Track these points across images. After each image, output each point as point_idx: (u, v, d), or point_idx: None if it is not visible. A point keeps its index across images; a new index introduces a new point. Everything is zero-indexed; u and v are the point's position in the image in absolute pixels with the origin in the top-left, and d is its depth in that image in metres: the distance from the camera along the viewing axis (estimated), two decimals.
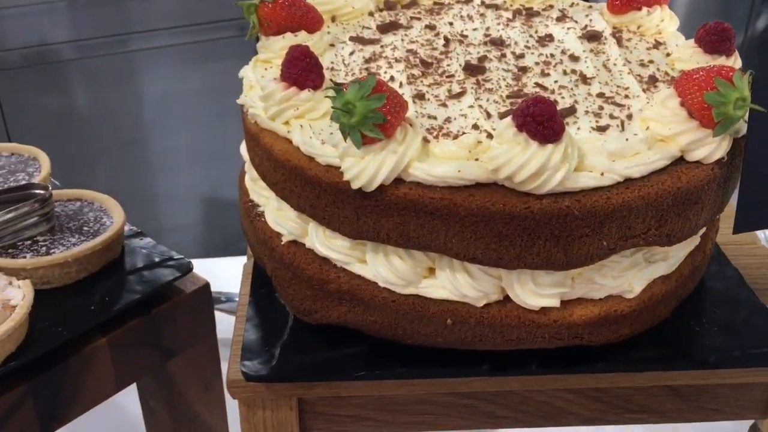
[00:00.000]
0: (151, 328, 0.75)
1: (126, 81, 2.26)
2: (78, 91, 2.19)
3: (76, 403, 0.71)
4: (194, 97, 2.43)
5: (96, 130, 2.17)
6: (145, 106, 2.35)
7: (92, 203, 0.82)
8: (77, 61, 2.18)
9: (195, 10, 2.32)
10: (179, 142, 2.39)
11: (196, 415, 0.84)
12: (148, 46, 2.27)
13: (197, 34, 2.35)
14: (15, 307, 0.66)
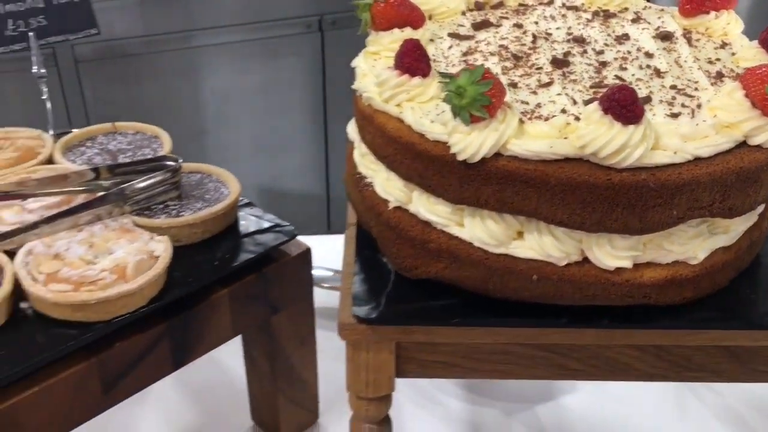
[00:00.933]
0: (261, 285, 0.86)
1: (190, 75, 2.40)
2: (145, 85, 2.34)
3: (201, 343, 0.83)
4: (255, 92, 2.57)
5: (160, 122, 2.33)
6: (208, 99, 2.49)
7: (210, 175, 0.93)
8: (145, 55, 2.33)
9: (257, 9, 2.46)
10: (240, 135, 2.53)
11: (291, 366, 0.95)
12: (211, 43, 2.41)
13: (259, 31, 2.48)
14: (158, 257, 0.78)
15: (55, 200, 0.85)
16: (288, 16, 2.56)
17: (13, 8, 0.95)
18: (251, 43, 2.51)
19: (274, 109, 2.64)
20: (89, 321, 0.73)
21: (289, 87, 2.64)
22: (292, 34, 2.59)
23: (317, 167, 2.76)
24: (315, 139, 2.73)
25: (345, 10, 2.64)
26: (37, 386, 0.70)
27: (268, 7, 2.48)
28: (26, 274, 0.74)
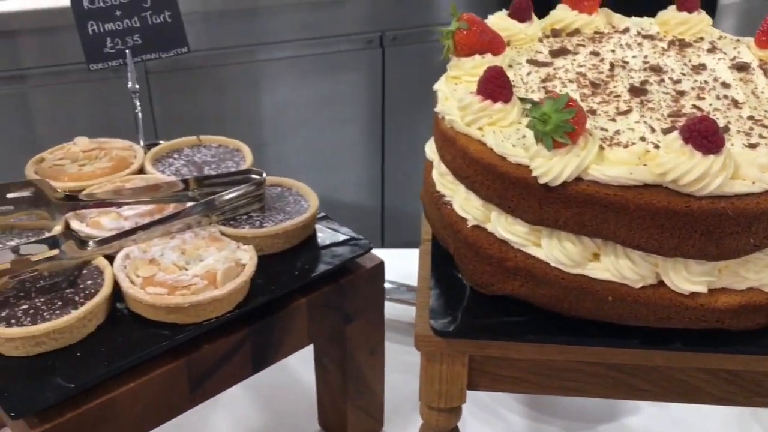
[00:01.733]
0: (337, 295, 0.90)
1: (252, 89, 2.48)
2: (208, 97, 2.42)
3: (279, 349, 0.87)
4: (314, 106, 2.63)
5: (221, 134, 2.42)
6: (269, 112, 2.57)
7: (290, 189, 0.98)
8: (209, 68, 2.41)
9: (319, 24, 2.53)
10: (299, 147, 2.59)
11: (361, 375, 0.99)
12: (273, 57, 2.48)
13: (320, 46, 2.55)
14: (244, 265, 0.82)
15: (148, 208, 0.90)
16: (350, 32, 2.62)
17: (111, 27, 1.02)
18: (312, 57, 2.58)
19: (332, 123, 2.70)
20: (181, 323, 0.78)
21: (347, 101, 2.70)
22: (353, 50, 2.65)
23: (373, 181, 2.81)
24: (371, 153, 2.79)
25: (406, 27, 2.71)
26: (133, 382, 0.75)
27: (330, 23, 2.55)
28: (124, 276, 0.79)
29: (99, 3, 1.01)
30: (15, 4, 2.12)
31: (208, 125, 2.40)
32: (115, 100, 2.33)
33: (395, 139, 2.83)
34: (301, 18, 2.48)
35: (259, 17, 2.40)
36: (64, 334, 0.74)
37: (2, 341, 0.73)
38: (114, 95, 2.32)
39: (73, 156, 1.00)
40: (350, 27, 2.60)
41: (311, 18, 2.50)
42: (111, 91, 2.31)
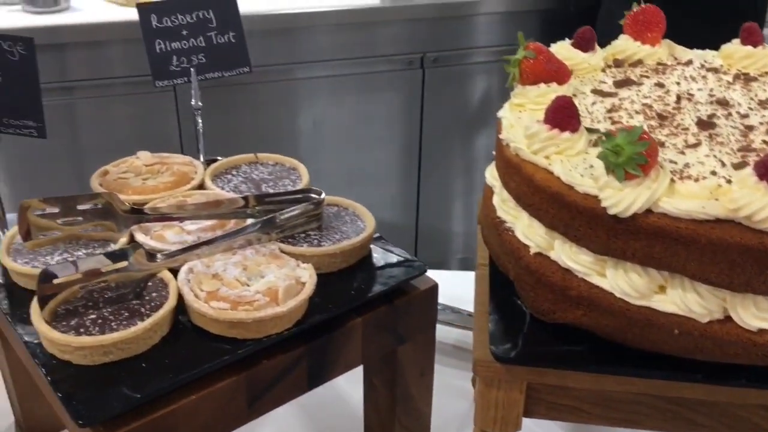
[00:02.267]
0: (392, 316, 0.91)
1: (288, 106, 2.51)
2: (246, 113, 2.46)
3: (333, 367, 0.88)
4: (352, 124, 2.66)
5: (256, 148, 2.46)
6: (304, 130, 2.60)
7: (347, 209, 0.99)
8: (249, 85, 2.45)
9: (361, 44, 2.56)
10: (333, 165, 2.62)
11: (410, 396, 0.99)
12: (313, 75, 2.52)
13: (361, 65, 2.58)
14: (304, 283, 0.84)
15: (209, 223, 0.92)
16: (392, 52, 2.65)
17: (177, 46, 1.05)
18: (351, 77, 2.62)
19: (368, 142, 2.72)
20: (241, 338, 0.80)
21: (385, 121, 2.73)
22: (394, 70, 2.68)
23: (408, 202, 2.83)
24: (407, 173, 2.80)
25: (447, 48, 2.73)
26: (194, 394, 0.76)
27: (372, 44, 2.59)
28: (189, 290, 0.81)
29: (167, 22, 1.04)
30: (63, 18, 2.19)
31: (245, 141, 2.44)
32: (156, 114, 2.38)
33: (432, 159, 2.84)
34: (341, 38, 2.52)
35: (299, 36, 2.44)
36: (131, 345, 0.76)
37: (72, 349, 0.75)
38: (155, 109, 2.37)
39: (136, 170, 1.03)
40: (392, 48, 2.63)
41: (352, 38, 2.54)
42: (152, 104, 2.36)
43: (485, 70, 2.79)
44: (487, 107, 2.86)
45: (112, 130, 2.33)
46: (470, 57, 2.74)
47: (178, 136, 2.48)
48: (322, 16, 2.47)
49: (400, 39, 2.62)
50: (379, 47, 2.60)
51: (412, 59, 2.70)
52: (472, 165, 2.92)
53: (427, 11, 2.66)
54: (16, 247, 0.89)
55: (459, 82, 2.77)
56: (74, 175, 2.35)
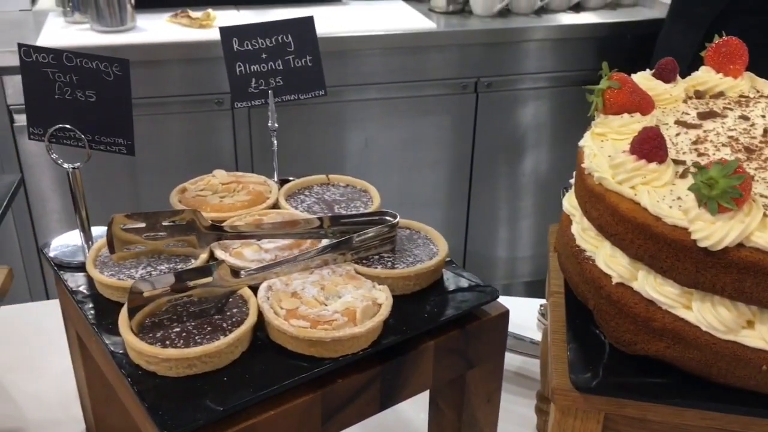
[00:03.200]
0: (463, 341, 0.91)
1: (337, 127, 2.55)
2: (299, 133, 2.51)
3: (405, 389, 0.88)
4: (403, 147, 2.68)
5: (306, 168, 2.51)
6: (353, 151, 2.63)
7: (419, 232, 1.00)
8: (302, 106, 2.50)
9: (416, 68, 2.59)
10: (382, 187, 2.63)
11: (476, 421, 0.99)
12: (366, 97, 2.55)
13: (414, 89, 2.60)
14: (380, 305, 0.85)
15: (286, 242, 0.94)
16: (446, 76, 2.68)
17: (257, 69, 1.08)
18: (404, 99, 2.64)
19: (419, 165, 2.74)
20: (319, 356, 0.81)
21: (435, 144, 2.75)
22: (447, 94, 2.71)
23: (457, 225, 2.83)
24: (457, 197, 2.81)
25: (501, 74, 2.74)
26: (273, 410, 0.78)
27: (427, 68, 2.62)
28: (268, 308, 0.83)
29: (247, 45, 1.07)
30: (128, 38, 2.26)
31: (296, 161, 2.49)
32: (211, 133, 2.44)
33: (482, 183, 2.84)
34: (395, 61, 2.55)
35: (352, 59, 2.49)
36: (214, 359, 0.78)
37: (158, 361, 0.77)
38: (209, 128, 2.43)
39: (213, 188, 1.06)
40: (447, 72, 2.66)
41: (405, 61, 2.57)
42: (207, 123, 2.42)
43: (537, 96, 2.80)
44: (538, 133, 2.86)
45: (166, 147, 2.40)
46: (523, 82, 2.75)
47: (233, 155, 2.54)
48: (377, 39, 2.52)
49: (454, 63, 2.64)
50: (433, 71, 2.63)
51: (467, 83, 2.72)
52: (520, 191, 2.91)
53: (482, 36, 2.68)
54: (102, 259, 0.92)
55: (511, 107, 2.78)
56: (129, 190, 2.42)
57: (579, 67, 2.79)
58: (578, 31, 2.74)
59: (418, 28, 2.59)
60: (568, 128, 2.86)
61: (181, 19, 2.47)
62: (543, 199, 2.94)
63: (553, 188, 2.90)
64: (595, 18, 2.80)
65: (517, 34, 2.67)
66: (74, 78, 0.89)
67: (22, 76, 0.90)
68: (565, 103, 2.81)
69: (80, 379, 1.06)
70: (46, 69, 0.89)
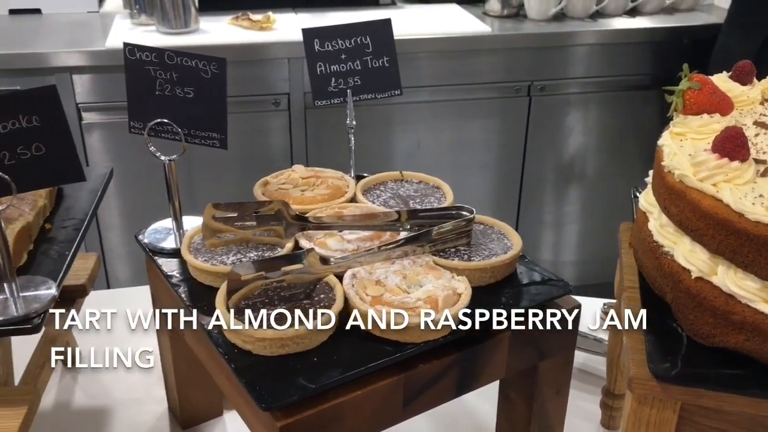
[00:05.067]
0: (536, 332, 0.94)
1: (389, 128, 2.59)
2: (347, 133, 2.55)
3: (480, 377, 0.92)
4: (455, 149, 2.71)
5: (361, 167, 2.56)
6: (403, 151, 2.67)
7: (492, 227, 1.04)
8: (355, 108, 2.55)
9: (470, 71, 2.61)
10: None
11: (545, 412, 1.02)
12: (414, 100, 2.59)
13: (467, 92, 2.63)
14: (460, 294, 0.89)
15: (366, 234, 0.99)
16: (499, 80, 2.70)
17: (336, 69, 1.13)
18: (458, 102, 2.68)
19: (470, 167, 2.77)
20: (402, 341, 0.85)
21: (487, 147, 2.77)
22: (500, 97, 2.73)
23: None
24: (507, 200, 2.83)
25: (555, 77, 2.75)
26: (360, 390, 0.82)
27: (480, 71, 2.64)
28: (354, 294, 0.87)
29: (328, 47, 1.12)
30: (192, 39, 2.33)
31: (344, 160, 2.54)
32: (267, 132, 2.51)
33: (533, 187, 2.86)
34: (449, 64, 2.58)
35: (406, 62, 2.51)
36: (305, 340, 0.83)
37: (254, 340, 0.82)
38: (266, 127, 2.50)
39: (293, 181, 1.11)
40: (502, 75, 2.68)
41: (458, 65, 2.60)
42: (264, 123, 2.49)
43: (591, 100, 2.80)
44: (589, 137, 2.86)
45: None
46: (577, 86, 2.76)
47: (289, 154, 2.61)
48: (431, 42, 2.55)
49: (508, 67, 2.67)
50: (486, 74, 2.66)
51: (520, 87, 2.74)
52: (568, 195, 2.92)
53: (536, 40, 2.70)
54: (194, 246, 0.98)
55: (564, 111, 2.79)
56: (185, 189, 2.49)
57: (633, 71, 2.79)
58: (633, 35, 2.74)
59: (472, 32, 2.62)
60: (620, 133, 2.86)
61: (242, 22, 2.55)
62: (590, 204, 2.94)
63: (602, 192, 2.90)
64: (650, 23, 2.79)
65: (571, 38, 2.68)
66: (174, 75, 0.95)
67: (125, 74, 0.96)
68: (619, 108, 2.81)
69: (167, 360, 1.12)
70: (149, 67, 0.95)
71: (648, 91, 2.79)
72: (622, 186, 3.25)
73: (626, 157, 2.91)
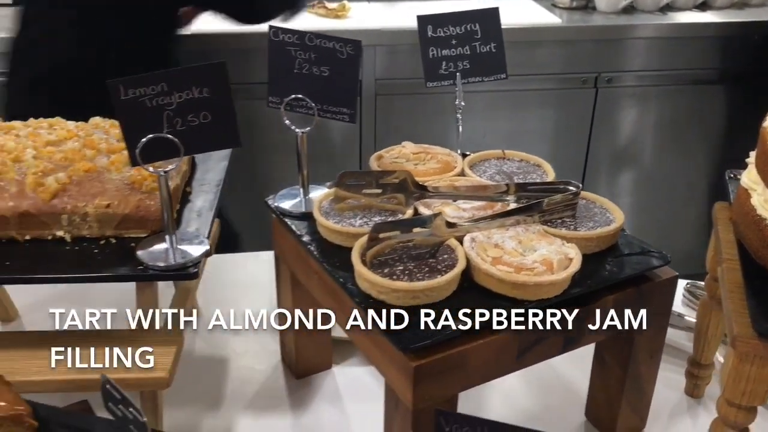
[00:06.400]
0: (637, 299, 1.02)
1: (452, 118, 2.67)
2: (408, 119, 2.64)
3: (584, 337, 1.00)
4: (512, 139, 2.78)
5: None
6: (470, 141, 2.74)
7: (594, 202, 1.12)
8: (417, 95, 2.63)
9: (540, 63, 2.67)
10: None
11: (639, 375, 1.10)
12: (479, 89, 2.65)
13: (534, 82, 2.69)
14: (571, 259, 0.97)
15: (479, 204, 1.08)
16: (567, 71, 2.76)
17: (447, 53, 1.22)
18: (524, 93, 2.74)
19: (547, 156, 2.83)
20: (519, 298, 0.94)
21: (553, 136, 2.83)
22: (567, 88, 2.79)
23: None
24: None
25: (622, 69, 2.79)
26: (481, 340, 0.92)
27: (548, 62, 2.70)
28: (475, 255, 0.97)
29: (439, 32, 1.22)
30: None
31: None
32: None
33: (596, 178, 2.91)
34: (518, 55, 2.63)
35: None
36: (434, 293, 0.93)
37: (389, 291, 0.92)
38: None
39: (405, 156, 1.21)
40: (570, 67, 2.74)
41: (527, 55, 2.66)
42: None
43: (657, 93, 2.84)
44: (655, 129, 2.90)
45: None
46: (644, 79, 2.80)
47: (359, 139, 2.71)
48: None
49: (575, 58, 2.72)
50: (553, 65, 2.71)
51: (586, 78, 2.79)
52: (632, 186, 2.96)
53: (604, 32, 2.74)
54: (323, 210, 1.09)
55: (630, 103, 2.83)
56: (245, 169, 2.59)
57: (701, 65, 2.81)
58: (702, 29, 2.76)
59: (542, 23, 2.68)
60: (684, 127, 2.89)
61: (318, 10, 2.66)
62: (651, 196, 2.98)
63: (664, 185, 2.93)
64: (720, 17, 2.81)
65: (640, 30, 2.72)
66: (312, 56, 1.05)
67: (268, 53, 1.07)
68: (685, 102, 2.84)
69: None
70: (290, 47, 1.06)
71: (715, 86, 2.82)
72: (684, 179, 3.26)
73: (690, 152, 2.94)
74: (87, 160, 1.06)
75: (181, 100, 0.91)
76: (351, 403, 1.20)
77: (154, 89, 0.89)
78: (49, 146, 1.08)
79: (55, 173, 1.03)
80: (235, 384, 1.24)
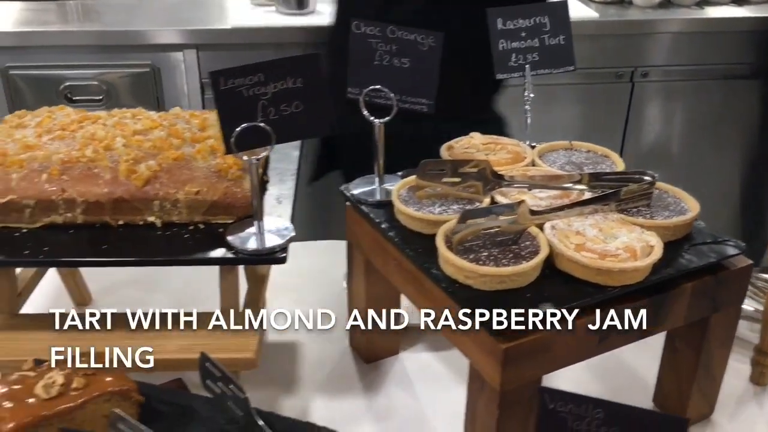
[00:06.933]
0: (713, 287, 1.04)
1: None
2: None
3: (662, 323, 1.02)
4: (544, 132, 2.78)
5: None
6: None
7: (667, 192, 1.14)
8: None
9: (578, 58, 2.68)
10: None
11: (710, 361, 1.11)
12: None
13: (555, 77, 2.69)
14: (652, 246, 0.99)
15: (554, 193, 1.10)
16: (602, 65, 2.76)
17: (516, 45, 1.24)
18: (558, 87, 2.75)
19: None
20: (602, 284, 0.96)
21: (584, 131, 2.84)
22: (602, 82, 2.79)
23: None
24: None
25: (658, 64, 2.80)
26: (563, 325, 0.94)
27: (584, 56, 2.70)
28: (558, 242, 0.99)
29: (509, 25, 1.24)
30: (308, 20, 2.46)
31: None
32: None
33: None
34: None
35: None
36: (520, 278, 0.95)
37: (476, 275, 0.95)
38: None
39: (475, 147, 1.23)
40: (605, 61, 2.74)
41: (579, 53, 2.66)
42: None
43: (694, 88, 2.84)
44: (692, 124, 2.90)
45: None
46: (680, 74, 2.80)
47: None
48: None
49: (611, 52, 2.72)
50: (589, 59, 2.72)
51: (622, 72, 2.79)
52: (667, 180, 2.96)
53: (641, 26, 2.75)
54: (402, 198, 1.11)
55: (667, 97, 2.84)
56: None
57: (737, 60, 2.81)
58: (739, 24, 2.76)
59: (578, 17, 2.68)
60: (718, 121, 2.89)
61: None
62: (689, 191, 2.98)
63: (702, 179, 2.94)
64: (757, 12, 2.80)
65: (676, 25, 2.72)
66: (393, 48, 1.08)
67: (350, 46, 1.10)
68: (719, 97, 2.84)
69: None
70: (371, 40, 1.08)
71: (750, 81, 2.82)
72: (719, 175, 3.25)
73: (724, 147, 2.94)
74: (174, 148, 1.09)
75: (276, 90, 0.94)
76: (422, 388, 1.23)
77: (252, 79, 0.92)
78: (136, 135, 1.11)
79: (146, 161, 1.06)
80: (307, 368, 1.27)
